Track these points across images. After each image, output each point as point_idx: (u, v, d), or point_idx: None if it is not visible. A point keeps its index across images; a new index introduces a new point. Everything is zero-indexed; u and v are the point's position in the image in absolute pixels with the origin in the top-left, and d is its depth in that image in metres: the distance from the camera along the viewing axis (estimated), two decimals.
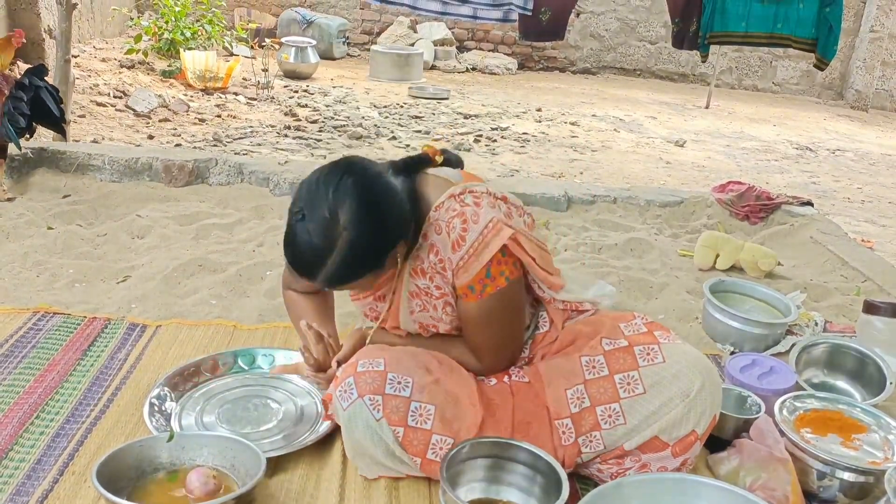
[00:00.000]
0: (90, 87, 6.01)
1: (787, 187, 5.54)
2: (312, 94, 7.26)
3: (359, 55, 9.76)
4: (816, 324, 2.66)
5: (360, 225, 1.48)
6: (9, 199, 3.21)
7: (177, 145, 5.00)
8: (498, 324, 1.68)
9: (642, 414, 1.61)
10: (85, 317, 2.31)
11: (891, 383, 2.13)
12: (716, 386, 1.65)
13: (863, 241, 4.23)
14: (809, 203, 3.91)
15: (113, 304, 2.42)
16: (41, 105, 3.26)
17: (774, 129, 8.05)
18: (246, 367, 2.07)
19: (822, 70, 4.44)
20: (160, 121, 5.61)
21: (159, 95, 6.07)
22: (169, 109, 5.90)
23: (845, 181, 6.13)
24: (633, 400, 1.62)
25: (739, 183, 4.03)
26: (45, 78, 3.34)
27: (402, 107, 7.12)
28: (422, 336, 1.79)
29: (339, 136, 5.81)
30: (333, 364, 1.76)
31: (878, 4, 9.65)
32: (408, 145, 5.70)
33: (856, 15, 9.89)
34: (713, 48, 4.40)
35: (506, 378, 1.74)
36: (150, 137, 5.12)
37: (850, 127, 8.67)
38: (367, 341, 1.78)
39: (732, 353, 2.47)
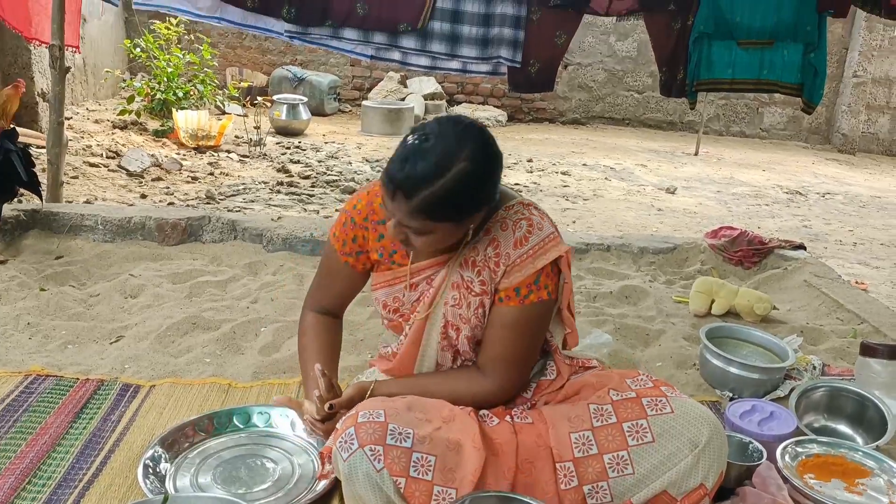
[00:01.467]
0: (83, 149, 6.05)
1: (778, 231, 5.57)
2: (304, 150, 7.33)
3: (350, 111, 9.89)
4: (814, 367, 2.65)
5: (477, 163, 1.56)
6: (1, 262, 3.20)
7: (170, 204, 5.02)
8: (525, 337, 1.75)
9: (651, 463, 1.60)
10: (77, 378, 2.28)
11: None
12: (723, 441, 1.65)
13: (856, 283, 4.25)
14: (802, 247, 3.93)
15: (106, 364, 2.40)
16: (11, 168, 3.27)
17: (764, 174, 8.14)
18: (241, 426, 2.04)
19: (809, 113, 4.50)
20: (153, 180, 5.64)
21: (152, 155, 6.11)
22: (161, 168, 5.93)
23: (836, 224, 6.17)
24: (642, 448, 1.61)
25: (731, 228, 4.05)
26: (17, 142, 3.36)
27: None
28: (422, 375, 1.83)
29: (332, 190, 5.85)
30: (325, 407, 1.71)
31: (859, 50, 9.86)
32: None
33: (839, 61, 10.09)
34: (700, 95, 4.46)
35: (508, 418, 1.74)
36: (143, 196, 5.15)
37: (838, 170, 8.77)
38: (368, 394, 1.76)
39: (732, 399, 2.45)
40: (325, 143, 7.78)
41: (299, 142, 7.67)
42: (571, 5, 4.14)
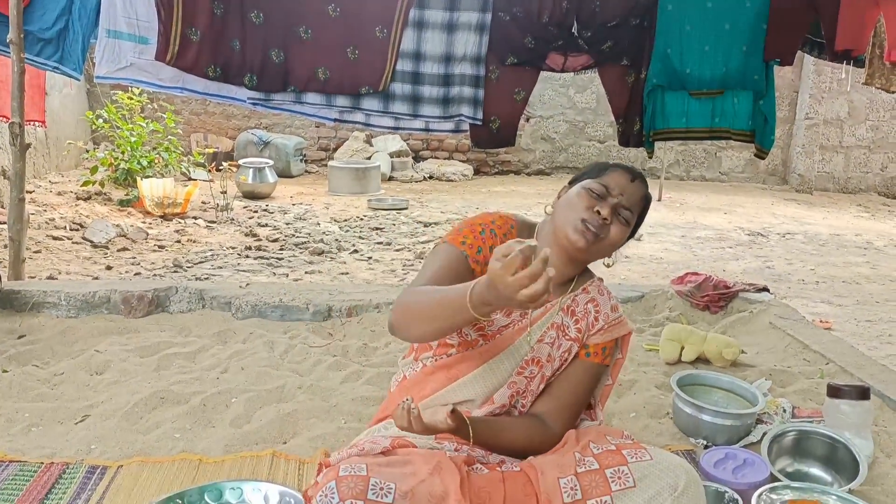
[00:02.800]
0: (46, 222, 6.00)
1: (743, 273, 5.66)
2: (272, 212, 7.33)
3: (317, 171, 9.94)
4: (784, 410, 2.67)
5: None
6: None
7: (136, 274, 4.97)
8: (589, 392, 1.92)
9: None
10: (42, 463, 2.22)
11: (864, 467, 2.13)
12: (700, 489, 1.65)
13: (821, 321, 4.31)
14: (766, 289, 4.00)
15: (71, 446, 2.34)
16: None
17: (726, 216, 8.29)
18: None
19: (762, 159, 4.62)
20: (118, 250, 5.60)
21: (117, 225, 6.08)
22: (127, 238, 5.89)
23: (798, 263, 6.29)
24: (624, 493, 1.62)
25: (696, 274, 4.12)
26: None
27: (362, 219, 7.21)
28: (506, 419, 1.82)
29: (301, 252, 5.84)
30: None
31: (810, 93, 10.18)
32: (370, 257, 5.74)
33: (790, 104, 10.40)
34: (658, 143, 4.58)
35: (499, 468, 1.73)
36: (109, 268, 5.09)
37: (797, 210, 8.97)
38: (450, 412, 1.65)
39: (706, 447, 2.46)
40: (293, 204, 7.80)
41: (267, 205, 7.68)
42: (528, 63, 4.25)
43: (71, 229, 5.94)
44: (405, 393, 1.86)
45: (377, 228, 6.83)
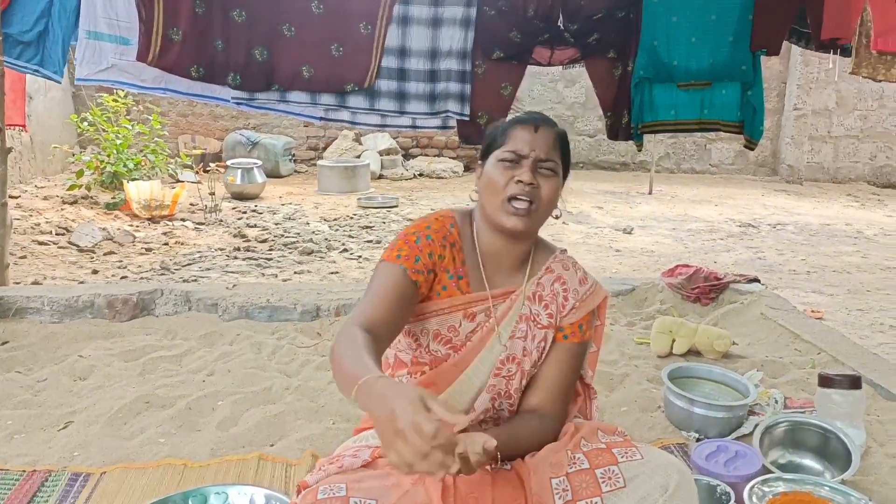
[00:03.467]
0: (31, 227, 5.94)
1: (734, 265, 5.64)
2: (261, 213, 7.29)
3: (306, 171, 9.89)
4: (776, 401, 2.65)
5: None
6: None
7: (122, 278, 4.93)
8: (576, 373, 1.83)
9: None
10: (24, 471, 2.19)
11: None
12: (692, 487, 1.62)
13: (812, 311, 4.30)
14: (756, 280, 3.98)
15: (54, 454, 2.30)
16: None
17: (716, 208, 8.28)
18: None
19: (751, 150, 4.60)
20: (105, 254, 5.54)
21: (103, 228, 6.02)
22: (114, 242, 5.84)
23: (789, 254, 6.28)
24: (614, 494, 1.59)
25: (687, 266, 4.10)
26: None
27: (352, 218, 7.17)
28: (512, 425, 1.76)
29: (290, 252, 5.80)
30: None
31: (798, 84, 10.19)
32: (360, 256, 5.70)
33: (779, 95, 10.40)
34: (648, 136, 4.55)
35: (488, 467, 1.68)
36: (95, 272, 5.04)
37: (787, 201, 8.96)
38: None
39: (698, 440, 2.44)
40: (282, 205, 7.75)
41: (255, 205, 7.63)
42: (514, 58, 4.21)
43: (57, 234, 5.88)
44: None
45: (367, 227, 6.79)
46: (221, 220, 6.85)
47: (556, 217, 1.81)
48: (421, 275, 1.71)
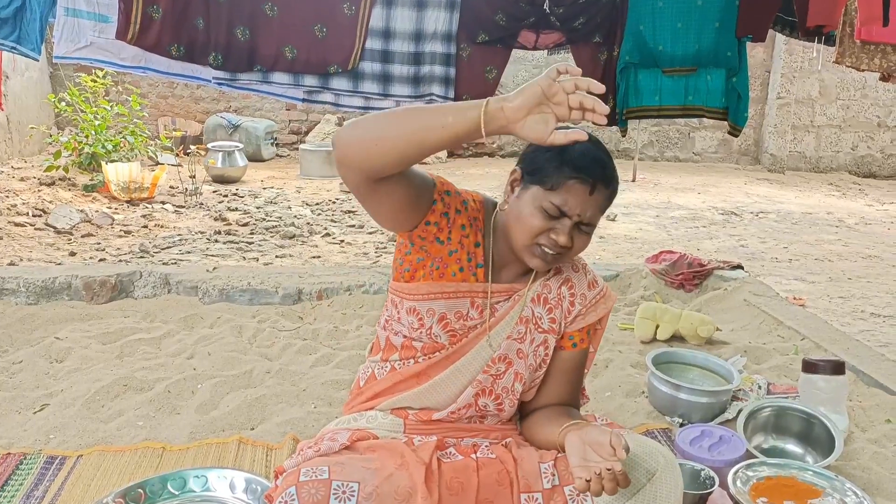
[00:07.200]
0: (7, 209, 5.84)
1: (717, 252, 5.66)
2: (242, 197, 7.21)
3: (288, 155, 9.80)
4: (760, 387, 2.65)
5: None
6: None
7: (101, 260, 4.85)
8: (582, 379, 1.81)
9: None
10: None
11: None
12: (677, 475, 1.60)
13: (794, 299, 4.31)
14: (740, 266, 3.99)
15: (29, 436, 2.26)
16: None
17: (699, 196, 8.30)
18: (177, 493, 1.93)
19: (735, 136, 4.60)
20: (83, 236, 5.46)
21: (81, 210, 5.93)
22: (92, 224, 5.75)
23: (771, 242, 6.30)
24: None
25: (671, 252, 4.09)
26: None
27: (334, 203, 7.11)
28: None
29: (272, 236, 5.74)
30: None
31: (781, 72, 10.21)
32: (342, 241, 5.66)
33: (762, 83, 10.42)
34: (632, 123, 4.53)
35: (472, 455, 1.67)
36: (72, 254, 4.96)
37: (769, 189, 9.00)
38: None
39: (682, 425, 2.43)
40: (264, 188, 7.68)
41: (237, 189, 7.55)
42: (499, 41, 4.17)
43: (33, 215, 5.78)
44: (376, 397, 1.77)
45: (350, 211, 6.74)
46: (202, 204, 6.77)
47: None
48: (442, 203, 1.64)
